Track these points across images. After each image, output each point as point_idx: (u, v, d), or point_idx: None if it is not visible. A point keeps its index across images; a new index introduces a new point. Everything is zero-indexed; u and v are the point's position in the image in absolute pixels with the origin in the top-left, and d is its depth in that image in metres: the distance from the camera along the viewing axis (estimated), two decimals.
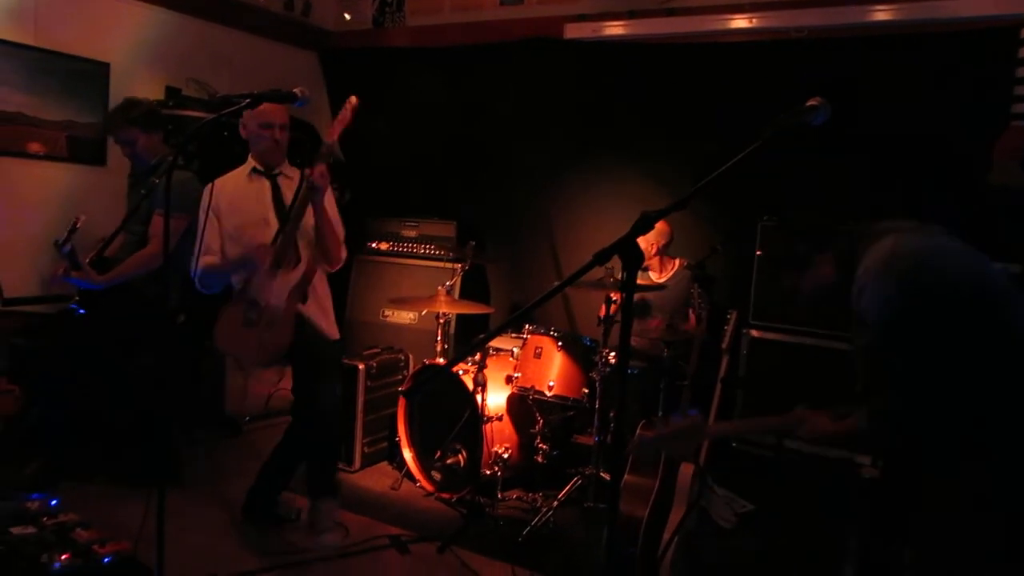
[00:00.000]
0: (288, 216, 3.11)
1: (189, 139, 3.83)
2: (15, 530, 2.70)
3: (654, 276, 4.35)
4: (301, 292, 3.09)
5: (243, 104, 2.44)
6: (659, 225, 4.18)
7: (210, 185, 3.08)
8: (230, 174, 3.21)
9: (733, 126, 3.67)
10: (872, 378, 1.94)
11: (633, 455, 3.00)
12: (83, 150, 4.40)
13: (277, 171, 3.22)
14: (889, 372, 1.83)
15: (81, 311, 3.52)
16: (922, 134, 3.88)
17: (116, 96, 4.42)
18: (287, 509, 3.39)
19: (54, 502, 2.91)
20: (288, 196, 3.19)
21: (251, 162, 3.21)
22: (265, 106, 2.98)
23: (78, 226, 3.28)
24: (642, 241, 4.19)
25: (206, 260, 3.10)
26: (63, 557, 2.57)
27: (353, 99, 3.09)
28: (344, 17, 5.90)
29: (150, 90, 4.58)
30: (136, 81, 4.58)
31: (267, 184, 3.19)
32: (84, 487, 3.46)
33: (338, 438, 3.66)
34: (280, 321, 3.02)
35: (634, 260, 1.44)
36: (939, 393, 1.77)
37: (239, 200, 3.15)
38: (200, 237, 2.98)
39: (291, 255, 3.09)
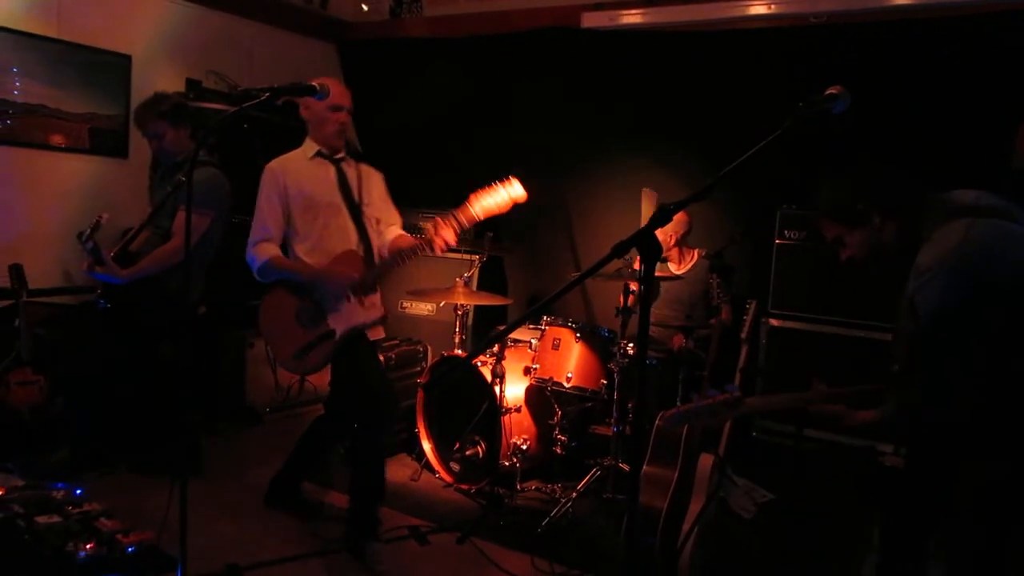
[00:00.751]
0: (354, 203, 3.03)
1: (211, 132, 3.85)
2: (40, 519, 2.76)
3: (673, 267, 4.32)
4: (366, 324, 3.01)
5: (263, 97, 2.43)
6: (678, 216, 4.13)
7: (272, 167, 3.01)
8: (289, 156, 3.08)
9: (752, 113, 3.63)
10: (910, 365, 1.92)
11: (655, 441, 2.99)
12: (105, 142, 4.44)
13: (340, 156, 3.09)
14: (932, 361, 1.81)
15: (104, 304, 3.56)
16: (943, 119, 3.83)
17: (137, 88, 4.46)
18: (310, 497, 3.42)
19: (78, 491, 2.96)
20: (353, 184, 3.07)
21: (312, 145, 3.06)
22: (335, 88, 2.86)
23: (102, 223, 3.31)
24: (660, 232, 4.15)
25: (269, 251, 2.96)
26: (88, 546, 2.62)
27: (518, 191, 2.72)
28: (362, 8, 5.89)
29: (171, 82, 4.61)
30: (157, 73, 4.61)
31: (332, 169, 3.05)
32: (108, 477, 3.50)
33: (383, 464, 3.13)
34: (333, 346, 2.92)
35: (653, 252, 1.43)
36: (980, 383, 1.76)
37: (306, 182, 3.01)
38: (259, 220, 2.94)
39: (371, 288, 3.03)
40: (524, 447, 3.67)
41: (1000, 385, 1.77)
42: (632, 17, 4.75)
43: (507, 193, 2.71)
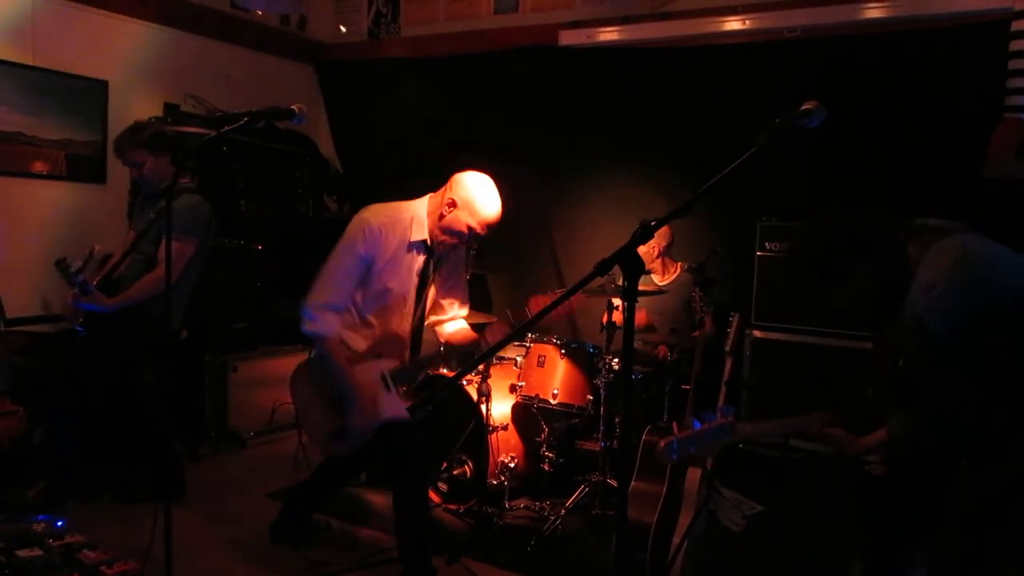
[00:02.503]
0: (424, 291, 2.87)
1: (189, 155, 3.84)
2: (21, 553, 2.71)
3: (656, 279, 4.35)
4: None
5: (242, 122, 2.44)
6: (661, 228, 4.18)
7: (374, 230, 2.74)
8: (390, 220, 2.79)
9: (730, 128, 3.67)
10: (887, 389, 1.94)
11: (643, 456, 2.99)
12: (82, 168, 4.41)
13: (438, 254, 2.91)
14: (947, 374, 1.83)
15: (83, 332, 3.52)
16: (916, 130, 3.89)
17: (115, 113, 4.44)
18: (317, 521, 3.38)
19: (60, 523, 2.91)
20: (431, 271, 2.90)
21: (422, 227, 2.80)
22: (497, 214, 2.75)
23: (95, 254, 3.28)
24: (644, 244, 4.20)
25: (332, 327, 2.74)
26: None
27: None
28: (340, 29, 5.92)
29: (148, 107, 4.60)
30: (134, 98, 4.60)
31: (423, 259, 2.84)
32: (90, 507, 3.45)
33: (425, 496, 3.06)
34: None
35: (635, 269, 1.44)
36: (986, 393, 1.79)
37: (394, 272, 2.79)
38: (334, 282, 2.73)
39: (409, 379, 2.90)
40: (512, 465, 3.66)
41: (996, 395, 1.80)
42: (609, 34, 4.80)
43: (570, 305, 2.77)
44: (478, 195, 2.76)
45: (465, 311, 3.15)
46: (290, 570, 3.03)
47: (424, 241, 2.82)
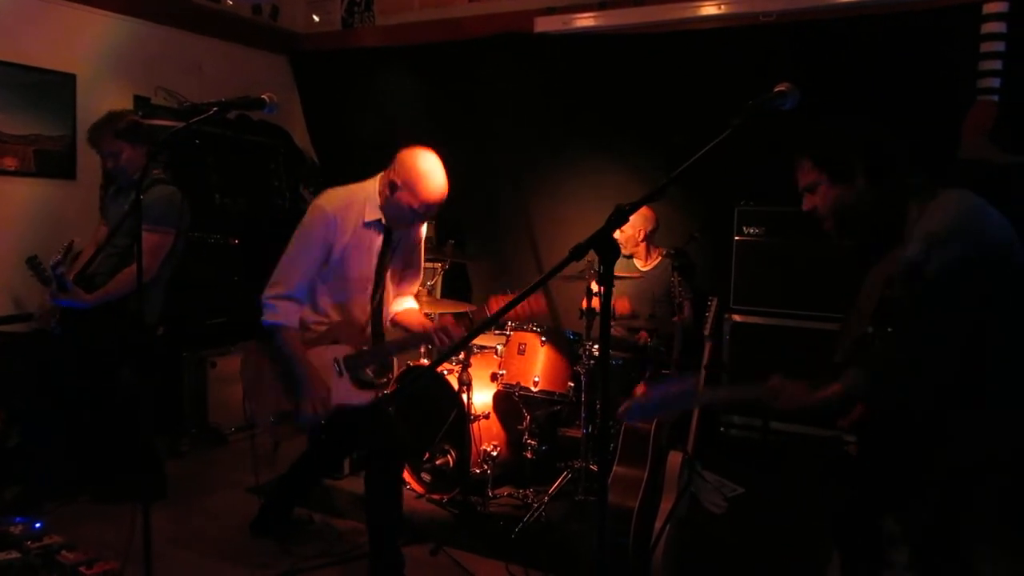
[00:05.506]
0: (383, 271, 2.85)
1: (161, 147, 3.78)
2: None
3: (639, 264, 4.35)
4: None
5: (211, 112, 2.40)
6: (644, 211, 4.19)
7: (329, 215, 2.72)
8: (343, 203, 2.77)
9: (706, 114, 3.66)
10: (853, 357, 1.95)
11: (624, 441, 3.00)
12: (52, 164, 4.33)
13: (398, 234, 2.89)
14: (923, 322, 1.84)
15: (59, 330, 3.47)
16: (891, 112, 3.91)
17: (83, 108, 4.36)
18: (300, 515, 3.37)
19: (38, 525, 2.87)
20: (390, 251, 2.88)
21: (375, 208, 2.77)
22: (440, 194, 2.71)
23: (74, 248, 3.24)
24: (628, 228, 4.21)
25: (288, 316, 2.72)
26: None
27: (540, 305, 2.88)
28: (313, 19, 5.84)
29: (118, 100, 4.51)
30: (103, 92, 4.51)
31: (381, 239, 2.83)
32: (69, 508, 3.41)
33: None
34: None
35: (610, 254, 1.44)
36: (964, 346, 1.82)
37: (353, 254, 2.77)
38: (291, 270, 2.72)
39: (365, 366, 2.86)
40: (494, 453, 3.66)
41: (976, 356, 1.82)
42: (585, 20, 4.78)
43: (530, 308, 2.78)
44: (418, 175, 2.70)
45: (416, 284, 3.12)
46: (273, 564, 3.01)
47: (379, 220, 2.78)
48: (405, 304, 3.12)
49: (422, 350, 4.00)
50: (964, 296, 1.81)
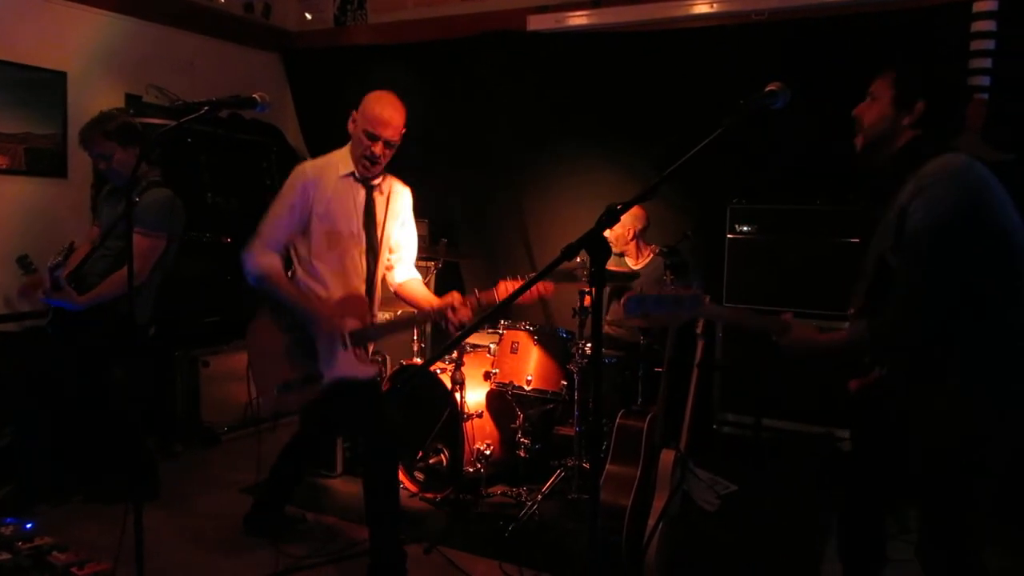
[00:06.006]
0: (375, 237, 2.88)
1: (152, 146, 3.77)
2: None
3: (631, 262, 4.35)
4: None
5: (203, 111, 2.39)
6: (635, 210, 4.19)
7: (306, 171, 2.81)
8: (326, 163, 2.86)
9: (698, 112, 3.68)
10: (867, 306, 1.97)
11: (617, 439, 3.00)
12: (42, 162, 4.31)
13: (374, 184, 2.91)
14: (913, 272, 1.85)
15: (52, 329, 3.46)
16: None
17: (75, 106, 4.34)
18: (292, 513, 3.37)
19: (29, 526, 2.85)
20: (379, 212, 2.91)
21: (347, 160, 2.84)
22: (379, 112, 2.75)
23: (75, 247, 3.24)
24: (619, 227, 4.21)
25: (270, 265, 2.78)
26: None
27: (548, 287, 2.85)
28: (305, 17, 5.83)
29: (109, 98, 4.49)
30: (94, 90, 4.49)
31: (362, 193, 2.87)
32: (61, 508, 3.40)
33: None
34: (315, 392, 2.77)
35: (601, 253, 1.44)
36: (951, 306, 1.82)
37: (335, 205, 2.82)
38: (272, 225, 2.78)
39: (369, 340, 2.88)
40: (488, 452, 3.66)
41: (969, 324, 1.83)
42: (578, 19, 4.78)
43: (537, 290, 2.73)
44: (366, 100, 2.79)
45: (413, 256, 3.13)
46: (266, 564, 3.00)
47: (352, 172, 2.85)
48: (408, 274, 3.11)
49: (415, 349, 4.00)
50: (947, 243, 1.81)
